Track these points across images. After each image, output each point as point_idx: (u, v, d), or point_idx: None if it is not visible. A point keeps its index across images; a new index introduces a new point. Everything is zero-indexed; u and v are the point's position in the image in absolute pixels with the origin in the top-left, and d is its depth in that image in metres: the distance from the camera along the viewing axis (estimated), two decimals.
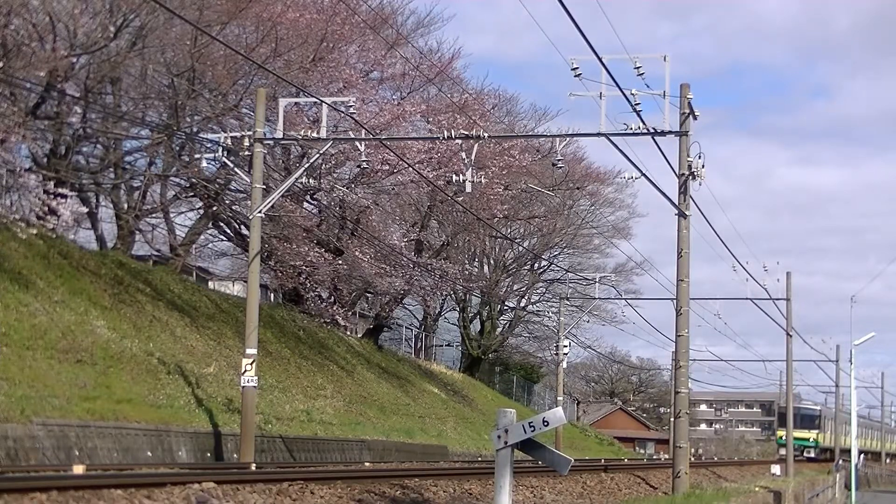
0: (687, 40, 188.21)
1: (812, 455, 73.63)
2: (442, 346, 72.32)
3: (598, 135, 24.70)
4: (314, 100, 31.39)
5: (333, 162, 38.91)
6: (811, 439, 76.57)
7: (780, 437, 73.36)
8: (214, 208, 39.22)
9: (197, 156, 31.29)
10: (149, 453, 24.03)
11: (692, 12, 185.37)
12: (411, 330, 67.46)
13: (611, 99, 24.04)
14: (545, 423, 12.08)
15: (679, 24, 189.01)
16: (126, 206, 36.61)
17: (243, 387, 26.36)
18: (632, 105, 23.65)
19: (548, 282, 71.81)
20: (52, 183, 29.12)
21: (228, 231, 43.79)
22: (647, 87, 24.04)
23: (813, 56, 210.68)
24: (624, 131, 24.60)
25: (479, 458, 39.62)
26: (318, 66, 36.67)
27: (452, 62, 47.54)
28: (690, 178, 25.56)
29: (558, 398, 54.33)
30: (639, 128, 24.45)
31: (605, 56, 21.32)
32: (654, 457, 78.80)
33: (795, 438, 69.79)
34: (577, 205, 65.81)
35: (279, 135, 29.10)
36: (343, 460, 31.64)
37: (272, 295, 49.04)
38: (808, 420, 76.40)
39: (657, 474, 32.26)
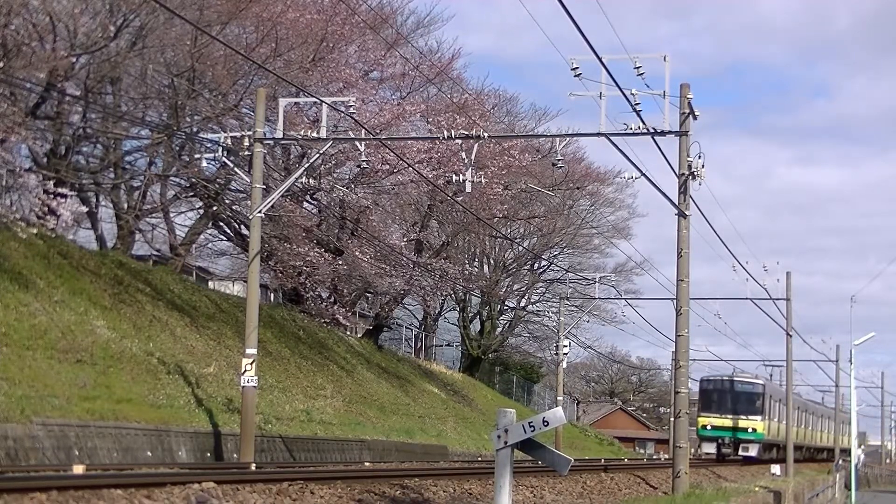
0: (687, 39, 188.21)
1: (752, 454, 52.11)
2: (442, 346, 72.32)
3: (598, 135, 24.72)
4: (314, 100, 31.39)
5: (333, 162, 38.91)
6: (750, 429, 52.77)
7: (703, 427, 54.41)
8: (214, 208, 39.22)
9: (197, 156, 31.29)
10: (149, 453, 24.03)
11: (692, 11, 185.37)
12: (411, 330, 67.47)
13: (611, 99, 24.08)
14: (545, 423, 12.09)
15: (679, 23, 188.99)
16: (126, 206, 36.62)
17: (243, 387, 26.37)
18: (632, 105, 23.67)
19: (548, 282, 71.82)
20: (52, 183, 29.11)
21: (228, 231, 43.81)
22: (647, 87, 24.08)
23: (813, 55, 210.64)
24: (624, 131, 24.62)
25: (479, 458, 39.62)
26: (318, 66, 36.69)
27: (452, 62, 47.67)
28: (690, 178, 25.59)
29: (558, 398, 54.33)
30: (639, 128, 24.47)
31: (605, 56, 21.34)
32: (654, 457, 78.77)
33: (724, 428, 52.79)
34: (577, 205, 65.81)
35: (279, 135, 29.10)
36: (343, 460, 31.64)
37: (272, 295, 49.06)
38: (745, 400, 53.59)
39: (657, 474, 32.25)
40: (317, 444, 32.25)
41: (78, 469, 16.66)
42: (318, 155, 29.67)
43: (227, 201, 39.90)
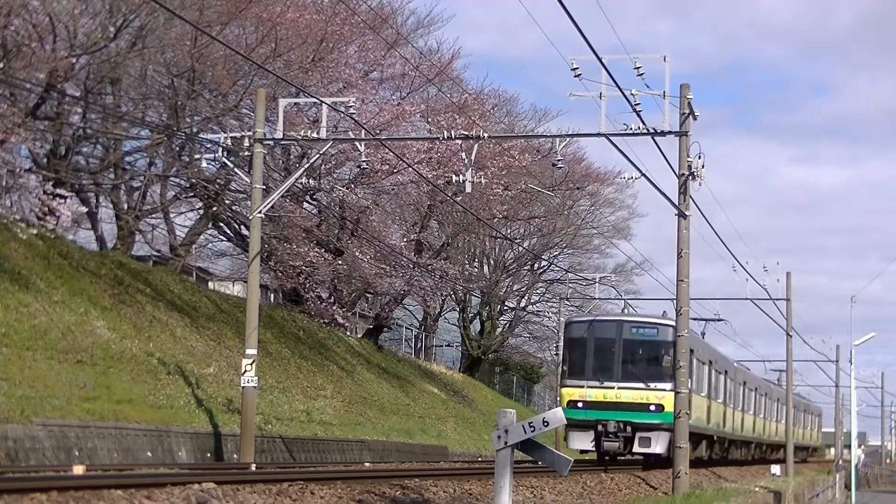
0: (687, 37, 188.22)
1: (657, 450, 31.32)
2: (442, 346, 72.31)
3: (598, 135, 24.73)
4: (314, 100, 31.42)
5: (333, 162, 38.95)
6: (654, 406, 30.85)
7: (571, 405, 31.44)
8: (214, 208, 39.23)
9: (197, 156, 31.33)
10: (149, 454, 24.04)
11: (693, 9, 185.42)
12: (411, 330, 67.46)
13: (611, 99, 24.09)
14: (545, 423, 12.10)
15: (680, 20, 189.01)
16: (126, 206, 36.63)
17: (243, 387, 26.38)
18: (632, 105, 23.68)
19: (548, 282, 71.80)
20: (51, 183, 29.13)
21: (228, 231, 43.82)
22: (647, 87, 24.09)
23: (814, 53, 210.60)
24: (624, 131, 24.63)
25: (479, 458, 39.62)
26: (318, 66, 36.71)
27: (452, 62, 47.70)
28: (690, 178, 25.60)
29: (558, 398, 54.23)
30: (639, 128, 24.48)
31: (605, 56, 21.37)
32: None
33: (607, 406, 31.21)
34: (577, 205, 65.80)
35: (279, 135, 29.12)
36: (343, 460, 31.65)
37: (272, 295, 49.05)
38: (645, 357, 31.63)
39: (657, 474, 32.22)
40: (317, 444, 32.26)
41: (78, 469, 16.66)
42: (318, 155, 29.70)
43: (227, 202, 39.91)
